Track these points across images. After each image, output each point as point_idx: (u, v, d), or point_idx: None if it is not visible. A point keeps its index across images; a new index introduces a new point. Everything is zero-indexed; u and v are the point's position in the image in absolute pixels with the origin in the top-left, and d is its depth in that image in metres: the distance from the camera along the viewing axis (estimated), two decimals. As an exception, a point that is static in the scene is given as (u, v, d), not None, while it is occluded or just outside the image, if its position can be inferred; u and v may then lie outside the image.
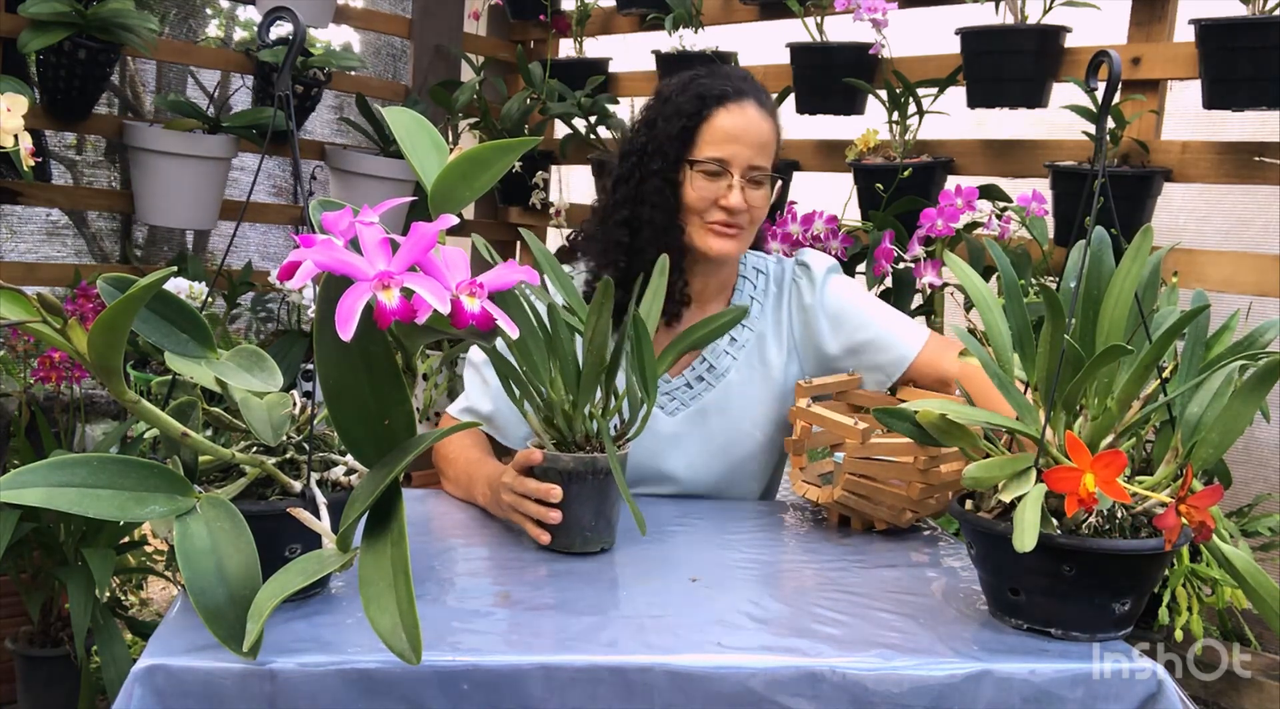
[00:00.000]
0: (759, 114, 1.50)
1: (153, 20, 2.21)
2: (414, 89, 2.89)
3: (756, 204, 1.50)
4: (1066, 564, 0.99)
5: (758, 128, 1.49)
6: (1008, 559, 1.01)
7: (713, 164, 1.48)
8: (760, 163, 1.49)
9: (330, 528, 0.97)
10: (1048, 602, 1.03)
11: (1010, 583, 1.05)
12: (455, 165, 1.02)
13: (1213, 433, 1.04)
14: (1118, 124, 1.93)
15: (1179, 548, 1.02)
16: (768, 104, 1.53)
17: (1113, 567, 1.00)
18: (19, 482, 0.87)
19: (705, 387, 1.56)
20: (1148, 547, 0.99)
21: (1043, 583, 1.02)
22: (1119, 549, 0.99)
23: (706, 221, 1.49)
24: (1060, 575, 1.00)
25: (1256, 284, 1.85)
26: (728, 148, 1.47)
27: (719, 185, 1.48)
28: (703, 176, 1.48)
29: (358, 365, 0.91)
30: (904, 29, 2.15)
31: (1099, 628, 1.03)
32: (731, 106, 1.48)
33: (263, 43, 1.15)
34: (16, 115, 1.40)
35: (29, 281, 2.39)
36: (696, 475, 1.57)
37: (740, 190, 1.48)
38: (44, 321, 0.89)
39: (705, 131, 1.48)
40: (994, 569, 1.07)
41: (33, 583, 1.96)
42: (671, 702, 0.95)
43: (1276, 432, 2.18)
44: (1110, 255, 1.10)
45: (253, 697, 0.90)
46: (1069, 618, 1.03)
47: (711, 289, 1.59)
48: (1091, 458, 0.93)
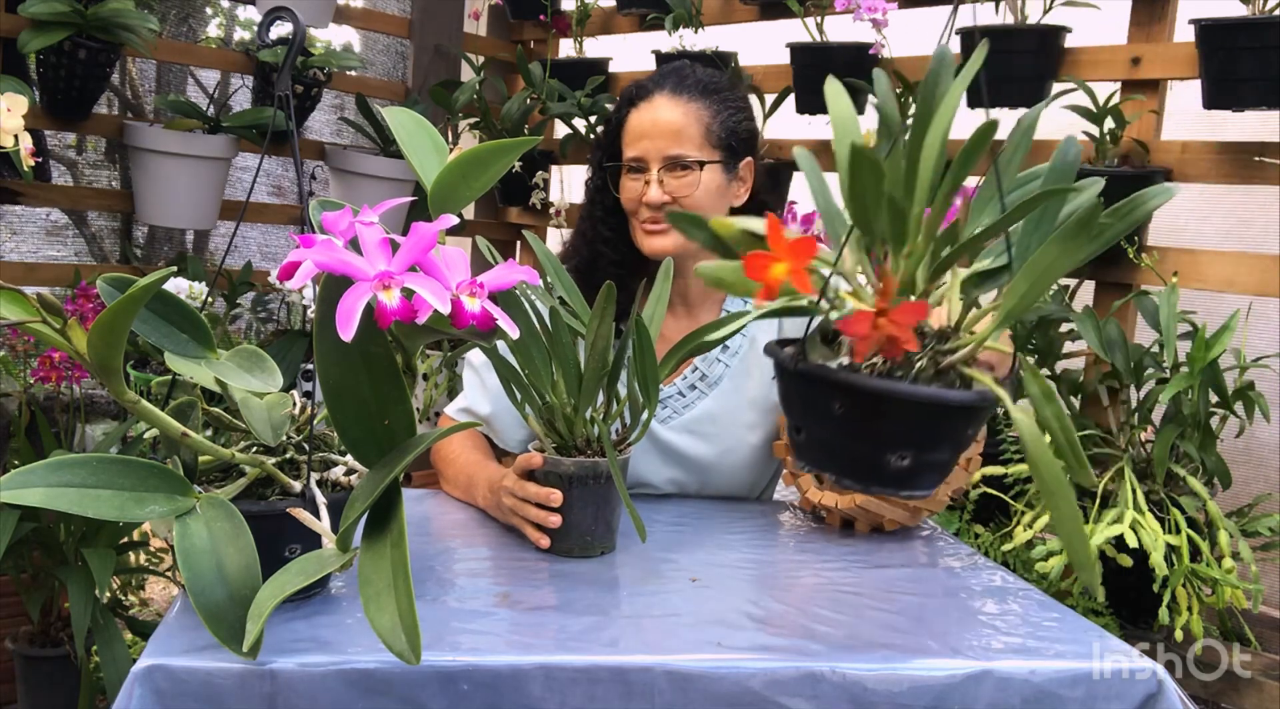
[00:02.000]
0: (669, 103, 1.49)
1: (153, 20, 2.21)
2: (414, 89, 2.89)
3: (681, 193, 1.48)
4: (837, 401, 0.87)
5: (667, 117, 1.49)
6: (790, 395, 0.92)
7: (631, 162, 1.51)
8: (676, 151, 1.48)
9: (330, 528, 0.97)
10: (822, 443, 0.91)
11: (794, 420, 0.94)
12: (455, 165, 1.02)
13: (1021, 280, 0.88)
14: (1118, 124, 1.93)
15: (969, 402, 0.87)
16: (686, 90, 1.50)
17: (886, 411, 0.85)
18: (19, 482, 0.87)
19: (698, 395, 1.55)
20: (921, 394, 0.85)
21: (817, 421, 0.90)
22: (884, 389, 0.85)
23: (640, 222, 1.51)
24: (830, 414, 0.87)
25: (1256, 284, 1.85)
26: (640, 145, 1.49)
27: (639, 182, 1.50)
28: (628, 177, 1.52)
29: (358, 365, 0.91)
30: (904, 29, 2.15)
31: (873, 479, 0.89)
32: (641, 104, 1.51)
33: (263, 43, 1.15)
34: (16, 115, 1.40)
35: (29, 281, 2.39)
36: (694, 482, 1.57)
37: (658, 183, 1.48)
38: (44, 321, 0.89)
39: (624, 135, 1.52)
40: (785, 407, 0.96)
41: (33, 583, 1.96)
42: (671, 702, 0.95)
43: (1277, 432, 2.18)
44: (950, 76, 0.90)
45: (253, 697, 0.90)
46: (843, 464, 0.90)
47: (696, 292, 1.58)
48: (789, 245, 0.80)
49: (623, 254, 1.55)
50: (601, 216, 1.57)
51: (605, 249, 1.56)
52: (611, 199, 1.55)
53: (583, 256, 1.58)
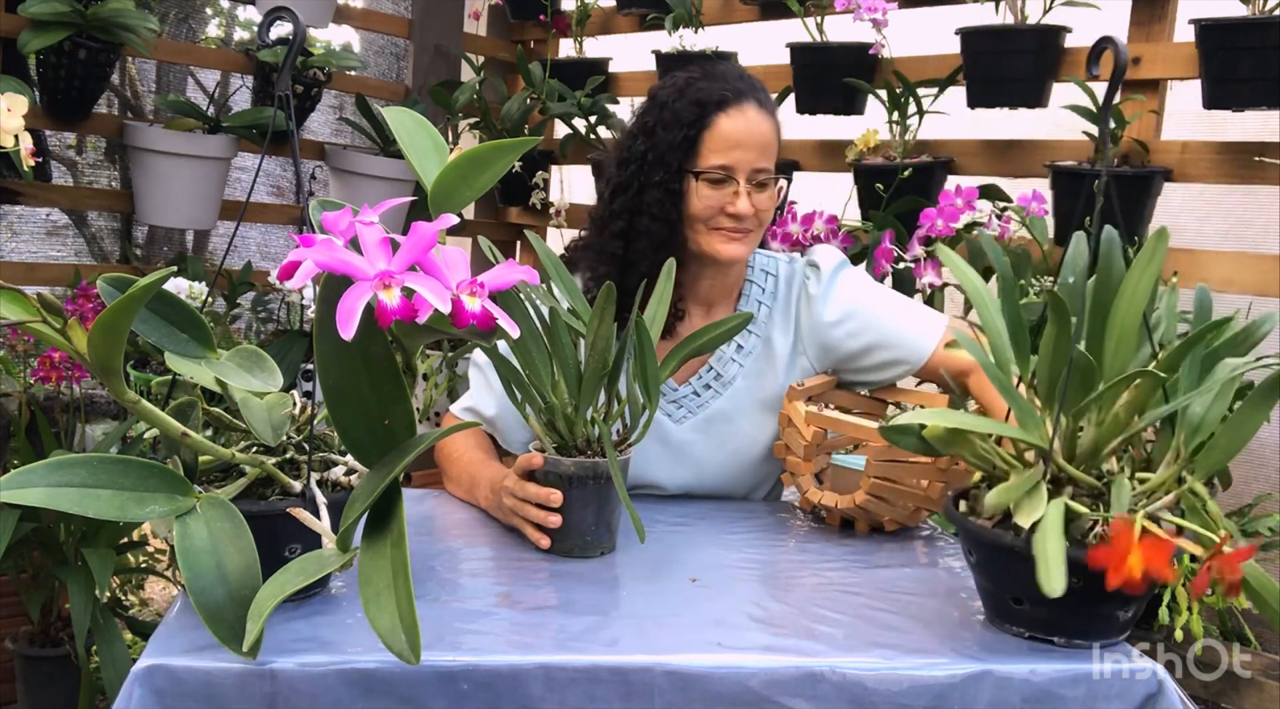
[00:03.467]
0: (759, 115, 1.47)
1: (153, 20, 2.21)
2: (414, 89, 2.89)
3: (763, 206, 1.48)
4: (1075, 576, 0.95)
5: (759, 130, 1.46)
6: (1010, 569, 1.01)
7: (718, 172, 1.45)
8: (764, 165, 1.46)
9: (330, 528, 0.97)
10: (1052, 611, 1.00)
11: (1012, 592, 1.03)
12: (455, 165, 1.02)
13: (1221, 438, 1.02)
14: (1118, 124, 1.93)
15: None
16: (767, 103, 1.50)
17: None
18: (19, 482, 0.87)
19: (713, 394, 1.55)
20: None
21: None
22: None
23: (713, 227, 1.47)
24: (1068, 588, 0.96)
25: (1256, 284, 1.85)
26: (732, 154, 1.45)
27: (725, 192, 1.46)
28: (708, 185, 1.46)
29: (358, 365, 0.91)
30: (904, 29, 2.15)
31: (1104, 634, 1.02)
32: (732, 111, 1.46)
33: (263, 43, 1.15)
34: (16, 115, 1.40)
35: (29, 281, 2.39)
36: (704, 483, 1.57)
37: (747, 196, 1.45)
38: (44, 321, 0.89)
39: (707, 139, 1.45)
40: (994, 578, 1.06)
41: (33, 583, 1.96)
42: (671, 702, 0.95)
43: (1277, 432, 2.18)
44: (1120, 256, 1.07)
45: (253, 697, 0.90)
46: (1074, 627, 1.01)
47: (717, 292, 1.57)
48: (1136, 541, 0.88)
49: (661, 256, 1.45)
50: (659, 213, 1.47)
51: (649, 250, 1.48)
52: (678, 200, 1.48)
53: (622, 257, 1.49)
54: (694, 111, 1.46)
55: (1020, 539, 0.98)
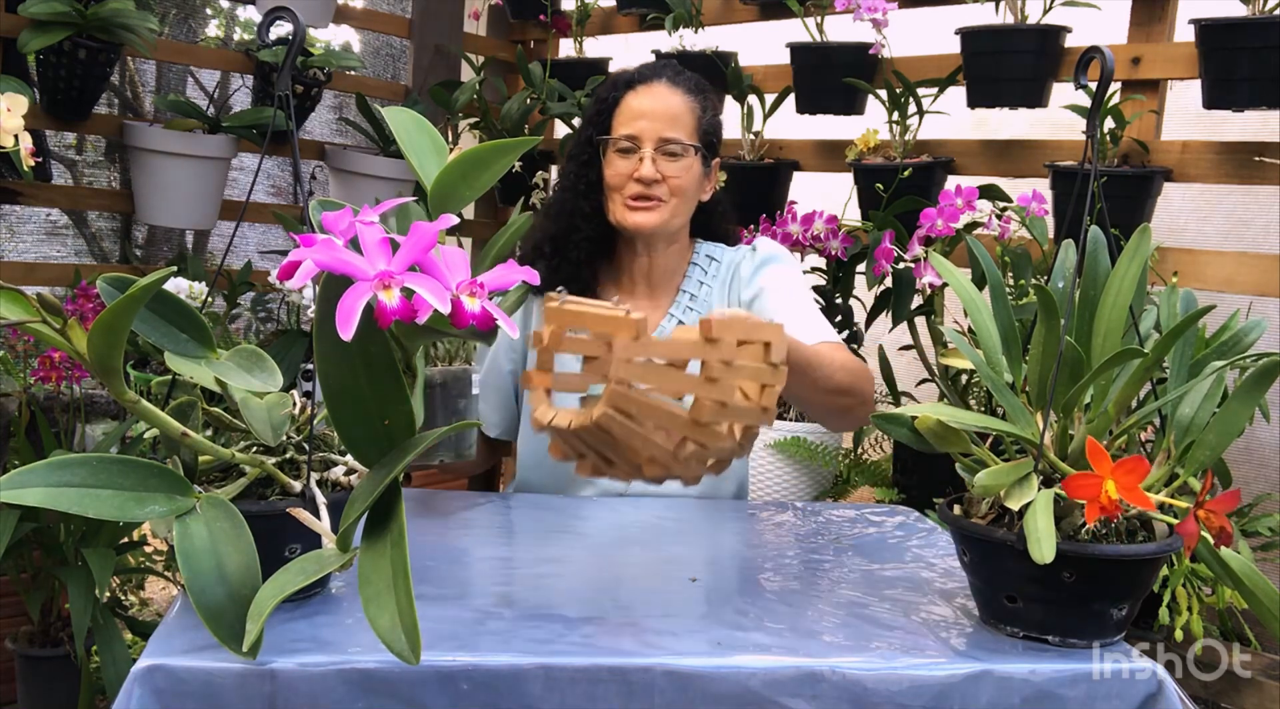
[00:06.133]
0: (668, 90, 1.59)
1: (153, 20, 2.21)
2: (414, 89, 2.89)
3: (672, 174, 1.56)
4: (1067, 571, 0.98)
5: (667, 103, 1.58)
6: (1004, 567, 1.01)
7: (624, 142, 1.57)
8: (672, 135, 1.56)
9: (330, 528, 0.97)
10: (1046, 609, 1.02)
11: (1007, 591, 1.04)
12: (455, 165, 1.02)
13: (1209, 433, 1.03)
14: (1118, 124, 1.93)
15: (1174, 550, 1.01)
16: (682, 83, 1.61)
17: (1114, 572, 0.99)
18: (19, 482, 0.87)
19: None
20: (1148, 551, 0.99)
21: (1041, 590, 1.01)
22: (1122, 555, 0.98)
23: (626, 196, 1.57)
24: (1060, 583, 0.99)
25: (1256, 284, 1.85)
26: (637, 124, 1.57)
27: (632, 160, 1.57)
28: (617, 155, 1.58)
29: (358, 365, 0.91)
30: (904, 29, 2.15)
31: (1098, 634, 1.02)
32: (640, 88, 1.60)
33: (263, 43, 1.15)
34: (16, 115, 1.40)
35: (29, 281, 2.39)
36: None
37: (653, 162, 1.55)
38: (44, 321, 0.89)
39: (618, 114, 1.59)
40: (988, 577, 1.06)
41: (33, 583, 1.96)
42: (671, 702, 0.95)
43: (1276, 432, 2.18)
44: (1106, 255, 1.09)
45: (252, 697, 0.90)
46: (1068, 625, 1.02)
47: (658, 274, 1.65)
48: (1113, 464, 0.91)
49: (597, 231, 1.61)
50: (584, 191, 1.62)
51: (581, 224, 1.62)
52: (595, 174, 1.61)
53: (559, 228, 1.63)
54: (609, 91, 1.63)
55: (1013, 534, 0.98)
